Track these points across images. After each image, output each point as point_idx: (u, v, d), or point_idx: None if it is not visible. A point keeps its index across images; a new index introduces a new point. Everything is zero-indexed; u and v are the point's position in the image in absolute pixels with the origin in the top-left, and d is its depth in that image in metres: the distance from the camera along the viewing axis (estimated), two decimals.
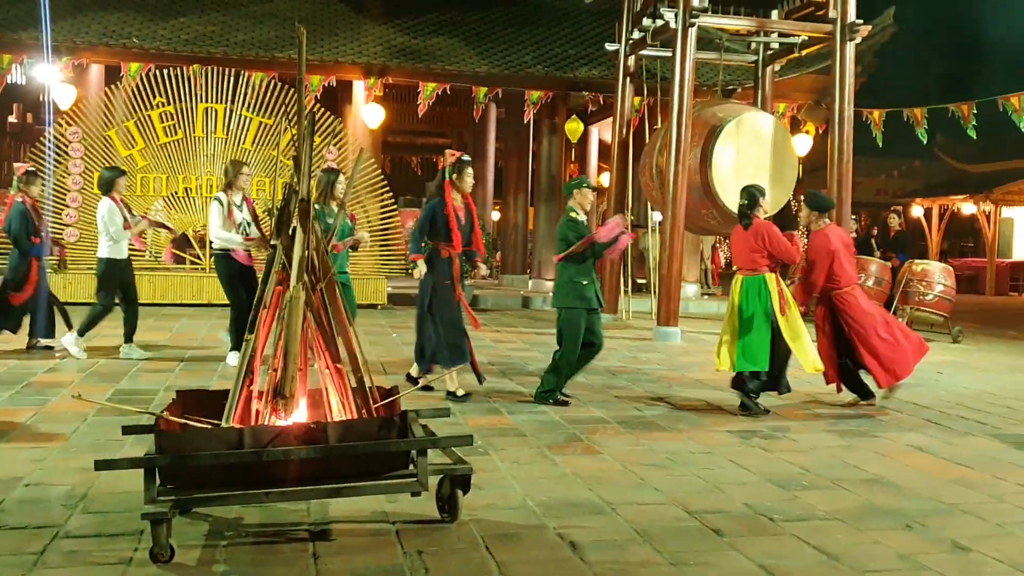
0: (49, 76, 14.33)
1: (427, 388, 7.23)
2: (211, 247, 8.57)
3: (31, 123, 21.15)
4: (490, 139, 20.60)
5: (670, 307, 11.53)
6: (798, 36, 12.85)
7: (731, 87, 15.54)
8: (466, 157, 7.25)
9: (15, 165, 8.26)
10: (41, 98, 16.01)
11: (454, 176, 7.04)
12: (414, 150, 27.11)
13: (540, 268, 17.42)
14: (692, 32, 11.50)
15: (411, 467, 4.12)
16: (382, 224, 13.97)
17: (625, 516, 4.42)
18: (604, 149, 19.96)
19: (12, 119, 21.28)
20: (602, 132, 19.96)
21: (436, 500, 4.24)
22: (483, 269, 7.72)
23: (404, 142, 25.15)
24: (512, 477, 5.01)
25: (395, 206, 14.33)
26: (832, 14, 11.90)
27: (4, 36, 13.91)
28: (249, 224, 8.38)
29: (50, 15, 13.99)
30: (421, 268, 7.08)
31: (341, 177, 7.94)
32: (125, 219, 8.63)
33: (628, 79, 13.73)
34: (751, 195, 7.10)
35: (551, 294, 6.85)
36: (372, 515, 4.31)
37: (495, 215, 22.95)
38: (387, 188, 14.16)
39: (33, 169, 9.11)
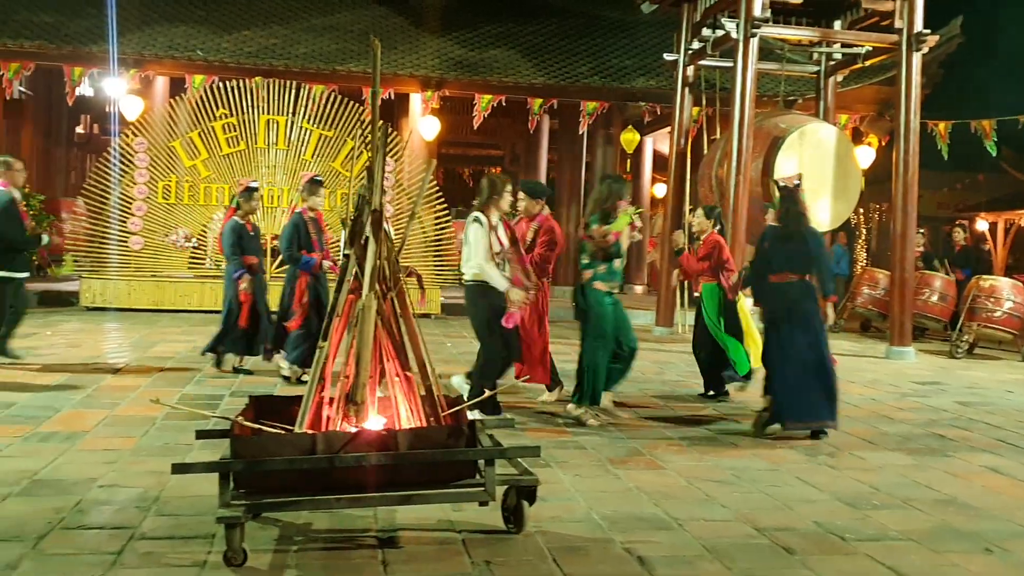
0: (117, 88, 14.68)
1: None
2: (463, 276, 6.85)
3: (98, 134, 21.68)
4: (543, 151, 20.60)
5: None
6: (862, 47, 12.67)
7: (792, 98, 15.37)
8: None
9: (239, 180, 7.77)
10: (108, 109, 16.41)
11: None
12: (467, 162, 27.24)
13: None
14: (754, 42, 11.40)
15: (477, 476, 4.12)
16: (436, 234, 14.05)
17: (692, 532, 4.36)
18: (659, 160, 19.86)
19: (80, 130, 21.83)
20: (657, 143, 19.86)
21: (502, 511, 4.24)
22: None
23: (457, 154, 25.28)
24: (575, 490, 4.99)
25: (448, 217, 14.41)
26: (898, 24, 11.71)
27: (75, 50, 14.29)
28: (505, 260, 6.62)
29: (119, 29, 14.36)
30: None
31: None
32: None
33: (686, 89, 13.65)
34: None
35: None
36: (438, 524, 4.31)
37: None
38: (441, 199, 14.24)
39: (256, 185, 8.46)
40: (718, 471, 5.54)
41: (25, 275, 8.34)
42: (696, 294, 8.25)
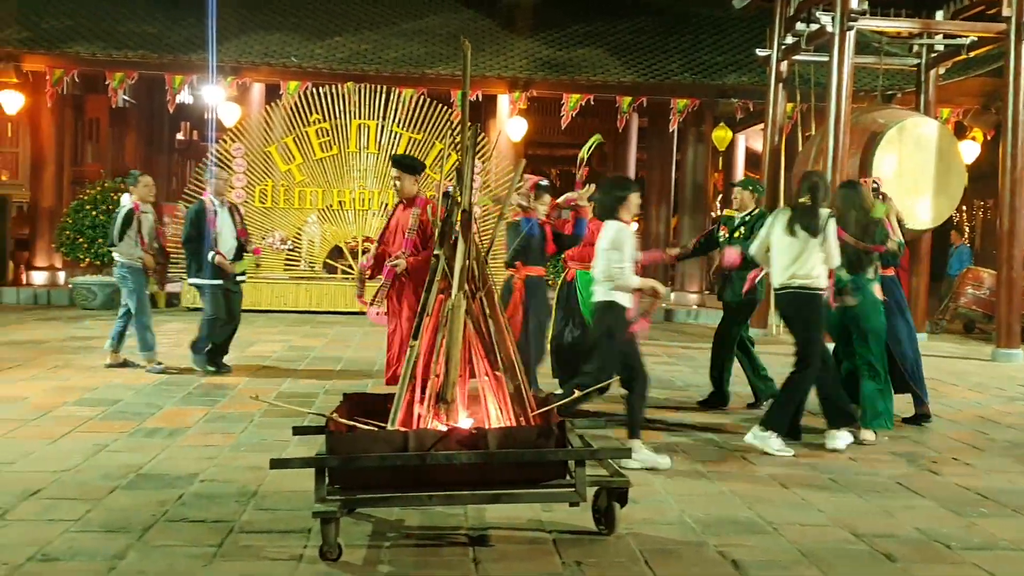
0: (215, 95, 15.15)
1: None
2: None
3: (197, 140, 22.41)
4: (632, 149, 20.42)
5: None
6: (966, 37, 12.19)
7: (891, 92, 14.88)
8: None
9: (526, 176, 7.04)
10: (207, 116, 16.95)
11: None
12: (553, 162, 27.19)
13: (684, 280, 17.15)
14: (850, 36, 11.08)
15: (568, 477, 4.11)
16: None
17: (788, 536, 4.26)
18: (752, 158, 19.49)
19: (180, 137, 22.60)
20: (750, 140, 19.49)
21: (592, 512, 4.22)
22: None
23: (544, 154, 25.25)
24: (667, 492, 4.92)
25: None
26: (1006, 12, 11.22)
27: (176, 58, 14.80)
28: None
29: (217, 37, 14.82)
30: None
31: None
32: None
33: (780, 85, 13.36)
34: None
35: (694, 307, 6.59)
36: (528, 523, 4.32)
37: (634, 226, 22.72)
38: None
39: (547, 184, 7.28)
40: (814, 475, 5.40)
41: (218, 282, 8.11)
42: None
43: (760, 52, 13.64)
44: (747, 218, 7.32)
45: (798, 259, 5.93)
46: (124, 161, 18.47)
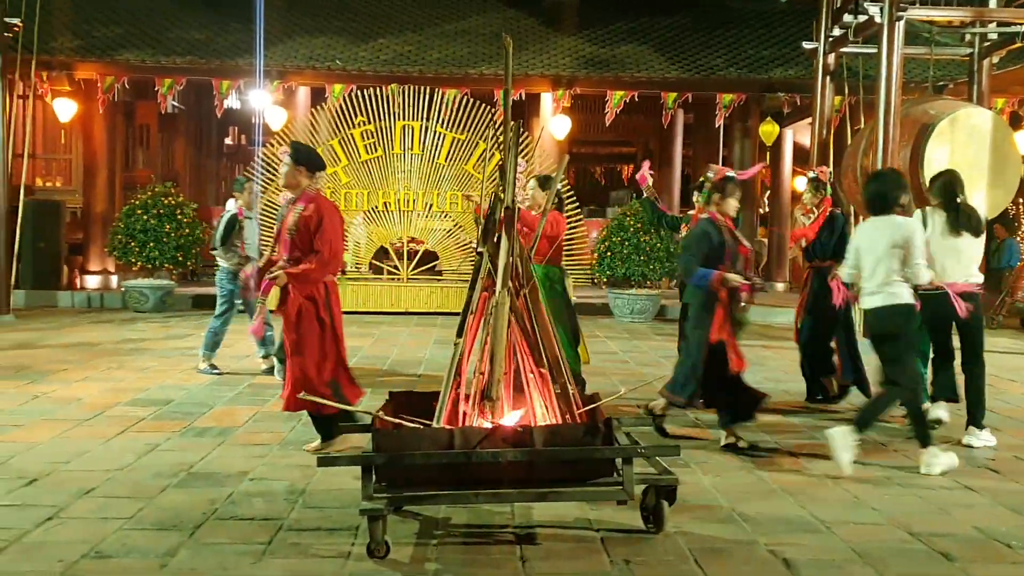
0: (262, 100, 15.33)
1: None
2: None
3: (245, 145, 22.72)
4: (677, 146, 20.27)
5: None
6: (1020, 24, 11.87)
7: (942, 83, 14.57)
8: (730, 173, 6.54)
9: (711, 166, 6.68)
10: (254, 121, 17.16)
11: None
12: (599, 160, 27.09)
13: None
14: (900, 26, 10.85)
15: (615, 475, 4.07)
16: (568, 234, 14.00)
17: (840, 535, 4.18)
18: (799, 152, 19.22)
19: (229, 141, 22.91)
20: (797, 135, 19.21)
21: (640, 510, 4.18)
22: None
23: (589, 152, 25.17)
24: (717, 491, 4.86)
25: (580, 216, 14.35)
26: None
27: (223, 64, 15.00)
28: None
29: (263, 42, 14.99)
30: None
31: None
32: None
33: (827, 78, 13.13)
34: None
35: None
36: (576, 521, 4.29)
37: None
38: (573, 198, 14.19)
39: (732, 175, 6.47)
40: (867, 473, 5.29)
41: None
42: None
43: (807, 45, 13.43)
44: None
45: (965, 259, 5.90)
46: (174, 166, 18.79)
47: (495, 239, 4.29)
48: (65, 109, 14.84)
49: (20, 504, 4.42)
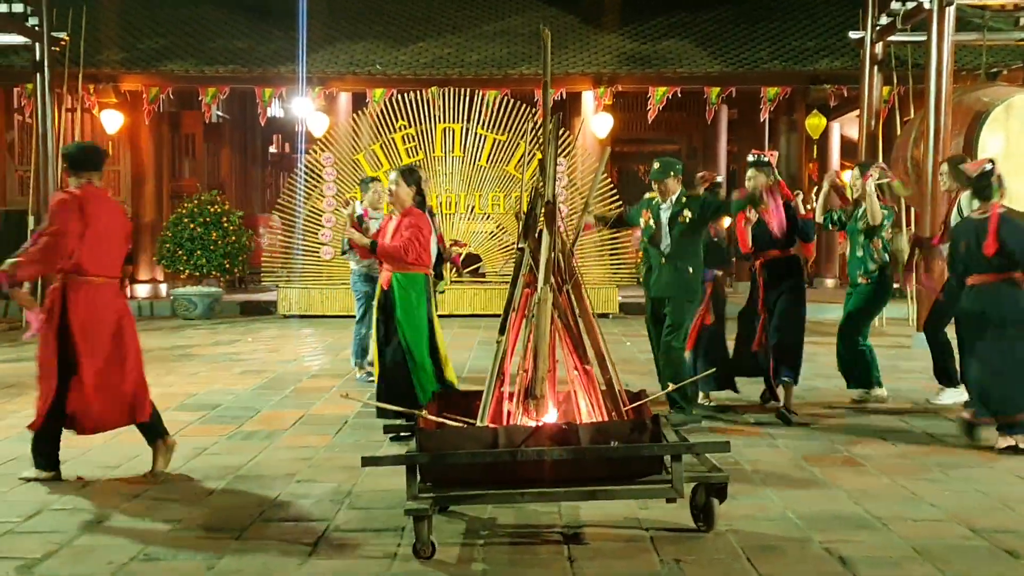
0: (304, 107, 15.45)
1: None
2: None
3: (289, 152, 22.95)
4: (722, 142, 20.04)
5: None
6: None
7: (995, 70, 14.18)
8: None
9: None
10: (297, 128, 17.31)
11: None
12: (641, 158, 26.89)
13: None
14: (950, 12, 10.59)
15: (664, 473, 3.99)
16: (612, 233, 13.90)
17: (898, 532, 4.05)
18: (847, 145, 18.88)
19: (273, 149, 23.17)
20: (845, 127, 18.88)
21: (691, 508, 4.09)
22: None
23: (631, 151, 25.00)
24: (768, 488, 4.75)
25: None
26: None
27: (265, 72, 15.15)
28: None
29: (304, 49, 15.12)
30: None
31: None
32: None
33: (875, 68, 12.89)
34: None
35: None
36: (624, 520, 4.21)
37: (726, 220, 22.25)
38: (616, 197, 14.09)
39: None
40: (924, 468, 5.14)
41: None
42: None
43: (853, 35, 13.20)
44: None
45: None
46: (219, 175, 19.03)
47: (536, 235, 4.23)
48: (112, 121, 15.09)
49: (71, 508, 4.46)
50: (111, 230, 4.95)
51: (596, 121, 15.42)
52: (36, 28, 12.47)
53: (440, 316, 9.64)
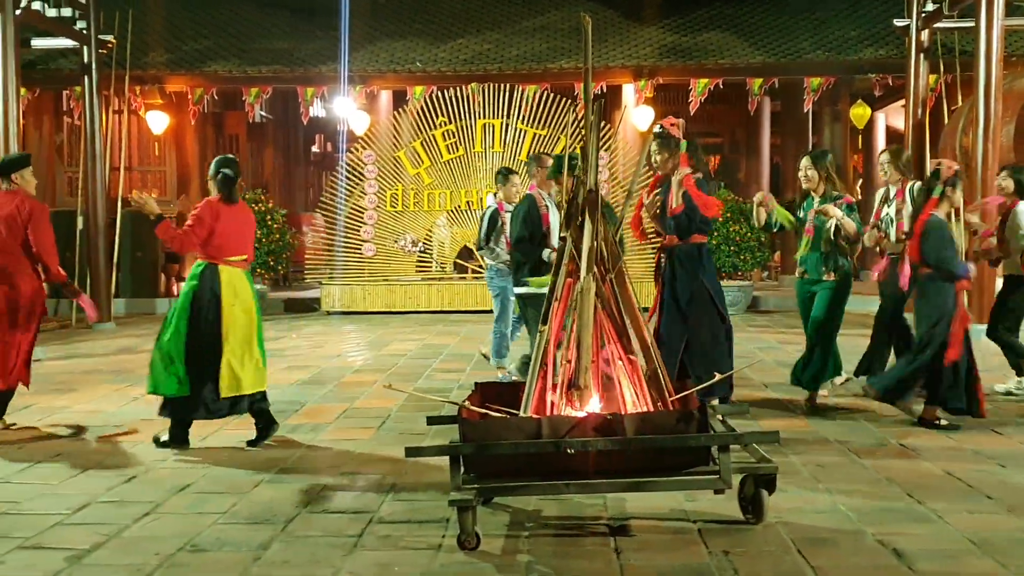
0: (346, 106, 15.54)
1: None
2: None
3: (331, 151, 23.10)
4: (764, 134, 19.79)
5: (982, 302, 10.41)
6: None
7: None
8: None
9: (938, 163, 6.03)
10: (339, 127, 17.42)
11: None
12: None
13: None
14: None
15: (711, 464, 3.92)
16: (651, 225, 13.76)
17: (955, 524, 3.94)
18: (893, 135, 18.57)
19: (315, 148, 23.35)
20: (890, 117, 18.57)
21: (739, 500, 4.02)
22: None
23: None
24: (817, 480, 4.66)
25: None
26: None
27: (307, 71, 15.26)
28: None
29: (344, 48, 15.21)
30: None
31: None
32: None
33: (921, 56, 12.63)
34: None
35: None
36: (671, 512, 4.15)
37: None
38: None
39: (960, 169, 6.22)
40: (980, 460, 5.01)
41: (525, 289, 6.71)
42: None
43: (898, 23, 12.96)
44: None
45: None
46: (263, 174, 19.21)
47: (578, 223, 4.19)
48: (158, 122, 15.31)
49: (119, 500, 4.51)
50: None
51: (637, 114, 15.31)
52: (84, 32, 12.67)
53: (481, 311, 9.61)
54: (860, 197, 19.07)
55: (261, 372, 5.53)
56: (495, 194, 7.93)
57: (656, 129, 6.30)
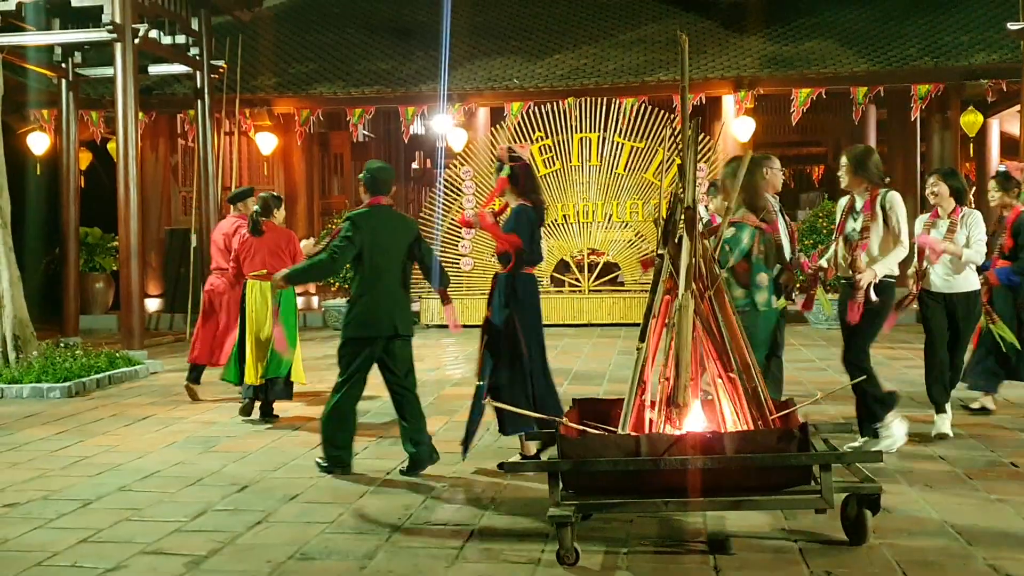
0: (444, 123, 15.83)
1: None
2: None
3: (430, 168, 23.50)
4: (870, 143, 19.25)
5: None
6: None
7: None
8: None
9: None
10: (438, 144, 17.74)
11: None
12: (786, 162, 26.10)
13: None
14: None
15: (812, 483, 3.88)
16: None
17: None
18: (1008, 142, 17.82)
19: (415, 165, 23.79)
20: (1005, 124, 17.83)
21: (841, 520, 3.96)
22: None
23: (775, 154, 24.31)
24: (925, 501, 4.54)
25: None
26: None
27: (407, 92, 15.61)
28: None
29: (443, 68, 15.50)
30: None
31: None
32: None
33: None
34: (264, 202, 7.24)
35: None
36: (772, 531, 4.12)
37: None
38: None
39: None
40: None
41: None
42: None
43: (1012, 26, 12.46)
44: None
45: None
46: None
47: (676, 240, 4.20)
48: (267, 143, 15.88)
49: (233, 509, 4.72)
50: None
51: (737, 125, 15.11)
52: (197, 58, 13.27)
53: (578, 325, 9.61)
54: (973, 206, 18.38)
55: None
56: (707, 206, 7.45)
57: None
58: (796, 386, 7.65)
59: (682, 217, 4.18)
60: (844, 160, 5.65)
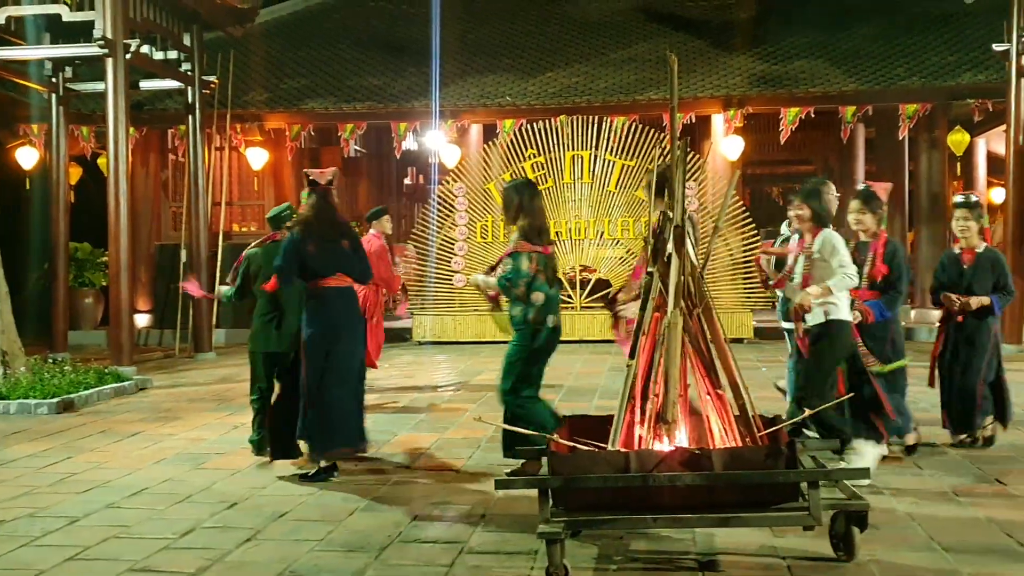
0: (437, 139, 15.88)
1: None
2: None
3: (423, 184, 23.55)
4: (859, 162, 19.36)
5: None
6: None
7: None
8: None
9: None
10: (430, 160, 17.79)
11: None
12: (775, 180, 26.31)
13: (924, 297, 16.00)
14: None
15: (800, 500, 3.90)
16: (744, 256, 13.66)
17: None
18: (994, 162, 17.97)
19: (407, 181, 23.84)
20: (991, 143, 17.98)
21: (830, 537, 3.98)
22: None
23: (764, 172, 24.48)
24: (912, 518, 4.56)
25: (757, 238, 13.97)
26: None
27: (399, 107, 15.67)
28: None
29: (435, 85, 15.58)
30: None
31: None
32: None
33: (1022, 80, 12.26)
34: None
35: (937, 324, 6.15)
36: (760, 549, 4.13)
37: None
38: (749, 220, 13.87)
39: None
40: None
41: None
42: None
43: (997, 47, 12.62)
44: None
45: None
46: (357, 207, 19.67)
47: (665, 258, 4.23)
48: (257, 158, 15.89)
49: (222, 526, 4.71)
50: None
51: (726, 143, 15.21)
52: (188, 73, 13.31)
53: (569, 342, 9.65)
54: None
55: None
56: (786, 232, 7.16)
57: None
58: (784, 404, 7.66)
59: (671, 235, 4.22)
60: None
